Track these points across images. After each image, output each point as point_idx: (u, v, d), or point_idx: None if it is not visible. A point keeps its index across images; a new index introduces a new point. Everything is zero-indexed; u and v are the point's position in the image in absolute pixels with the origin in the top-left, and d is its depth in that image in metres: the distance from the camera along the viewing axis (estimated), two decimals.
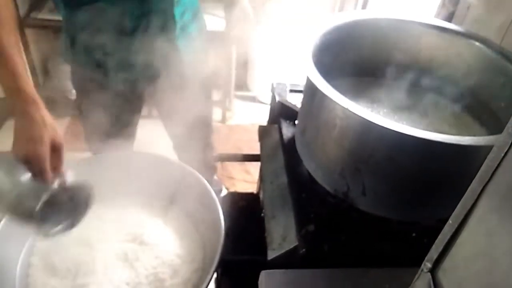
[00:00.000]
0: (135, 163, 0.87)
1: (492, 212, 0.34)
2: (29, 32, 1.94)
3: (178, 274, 0.75)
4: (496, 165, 0.33)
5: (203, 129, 1.32)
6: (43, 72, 2.15)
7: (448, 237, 0.38)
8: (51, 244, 0.77)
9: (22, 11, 1.88)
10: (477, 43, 0.89)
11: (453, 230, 0.37)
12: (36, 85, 2.05)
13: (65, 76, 2.10)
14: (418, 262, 0.45)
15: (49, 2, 1.99)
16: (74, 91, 1.22)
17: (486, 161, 0.34)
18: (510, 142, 0.31)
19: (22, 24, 1.88)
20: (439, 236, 0.39)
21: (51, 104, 2.24)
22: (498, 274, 0.34)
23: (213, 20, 2.09)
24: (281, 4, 2.27)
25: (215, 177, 1.73)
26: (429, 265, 0.40)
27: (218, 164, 1.89)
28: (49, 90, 2.14)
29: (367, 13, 0.94)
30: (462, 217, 0.36)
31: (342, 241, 0.74)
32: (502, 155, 0.32)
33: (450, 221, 0.37)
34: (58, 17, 1.92)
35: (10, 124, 2.12)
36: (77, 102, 1.18)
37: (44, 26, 2.00)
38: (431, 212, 0.73)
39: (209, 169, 1.55)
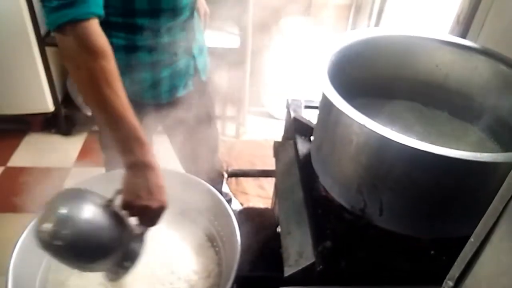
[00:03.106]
0: None
1: None
2: (49, 50, 1.99)
3: None
4: None
5: (209, 143, 1.33)
6: (62, 90, 2.20)
7: (470, 255, 0.37)
8: None
9: (43, 30, 1.94)
10: (492, 60, 0.88)
11: (475, 248, 0.37)
12: (56, 102, 2.10)
13: None
14: (437, 280, 0.45)
15: None
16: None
17: (508, 179, 0.34)
18: None
19: (43, 42, 1.94)
20: (461, 254, 0.39)
21: (70, 120, 2.29)
22: None
23: (228, 37, 2.13)
24: (296, 21, 2.30)
25: (224, 189, 1.73)
26: (451, 283, 0.40)
27: (233, 180, 1.90)
28: (68, 107, 2.19)
29: (381, 31, 0.95)
30: (484, 235, 0.36)
31: (359, 258, 0.73)
32: None
33: (472, 239, 0.37)
34: None
35: (28, 139, 2.16)
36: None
37: None
38: (449, 229, 0.72)
39: (216, 181, 1.56)
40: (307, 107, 1.14)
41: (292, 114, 1.09)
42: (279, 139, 1.20)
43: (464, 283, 0.39)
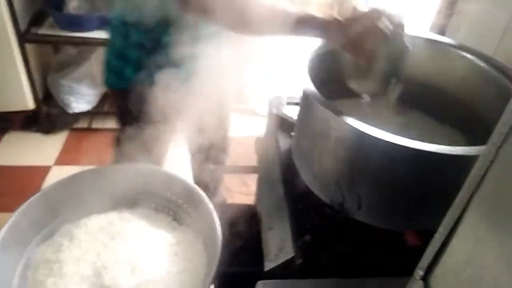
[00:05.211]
0: (132, 175, 0.88)
1: (480, 220, 0.35)
2: (29, 47, 1.96)
3: None
4: (482, 174, 0.34)
5: (220, 139, 1.34)
6: (42, 87, 2.17)
7: (438, 245, 0.38)
8: (49, 258, 0.78)
9: (23, 26, 1.91)
10: (469, 56, 0.90)
11: (443, 238, 0.38)
12: (36, 100, 2.07)
13: (64, 91, 2.12)
14: (413, 272, 0.46)
15: (49, 17, 2.02)
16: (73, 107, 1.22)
17: (473, 170, 0.35)
18: (495, 151, 0.32)
19: (23, 39, 1.91)
20: (430, 244, 0.40)
21: (51, 118, 2.26)
22: (488, 280, 0.34)
23: None
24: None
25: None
26: (421, 272, 0.41)
27: None
28: (49, 105, 2.16)
29: None
30: (451, 225, 0.37)
31: (338, 251, 0.74)
32: (488, 164, 0.33)
33: (440, 229, 0.38)
34: (58, 32, 1.95)
35: (8, 138, 2.13)
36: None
37: (44, 41, 2.02)
38: (425, 222, 0.73)
39: (217, 180, 1.57)
40: (289, 103, 1.15)
41: (274, 111, 1.10)
42: (262, 135, 1.21)
43: (434, 272, 0.40)
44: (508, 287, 0.32)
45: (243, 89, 2.50)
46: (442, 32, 1.25)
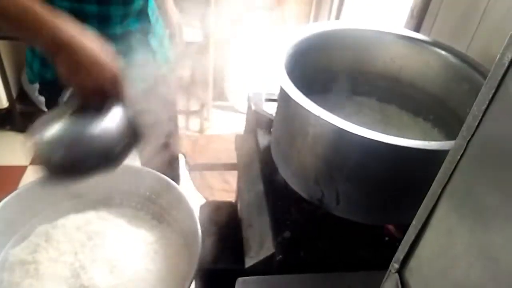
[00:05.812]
0: (110, 174, 0.87)
1: (451, 212, 0.35)
2: (1, 44, 1.91)
3: (156, 286, 0.74)
4: (453, 167, 0.35)
5: (169, 137, 1.31)
6: (16, 86, 2.12)
7: (412, 238, 0.39)
8: (25, 259, 0.76)
9: None
10: (443, 52, 0.92)
11: (417, 231, 0.39)
12: (10, 98, 2.02)
13: None
14: (389, 265, 0.47)
15: None
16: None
17: (444, 163, 0.35)
18: (465, 145, 0.33)
19: None
20: (405, 237, 0.40)
21: (25, 117, 2.21)
22: (459, 270, 0.35)
23: (190, 31, 2.11)
24: (258, 14, 2.30)
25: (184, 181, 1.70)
26: (396, 265, 0.42)
27: (197, 174, 1.89)
28: (23, 103, 2.11)
29: (337, 24, 0.97)
30: (424, 218, 0.38)
31: (317, 246, 0.75)
32: (458, 157, 0.34)
33: (414, 222, 0.39)
34: None
35: None
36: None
37: (17, 38, 1.97)
38: (402, 216, 0.75)
39: (172, 165, 1.54)
40: (268, 100, 1.15)
41: (253, 107, 1.10)
42: (243, 132, 1.21)
43: (408, 265, 0.40)
44: (478, 275, 0.33)
45: (224, 86, 2.49)
46: (416, 29, 1.27)
